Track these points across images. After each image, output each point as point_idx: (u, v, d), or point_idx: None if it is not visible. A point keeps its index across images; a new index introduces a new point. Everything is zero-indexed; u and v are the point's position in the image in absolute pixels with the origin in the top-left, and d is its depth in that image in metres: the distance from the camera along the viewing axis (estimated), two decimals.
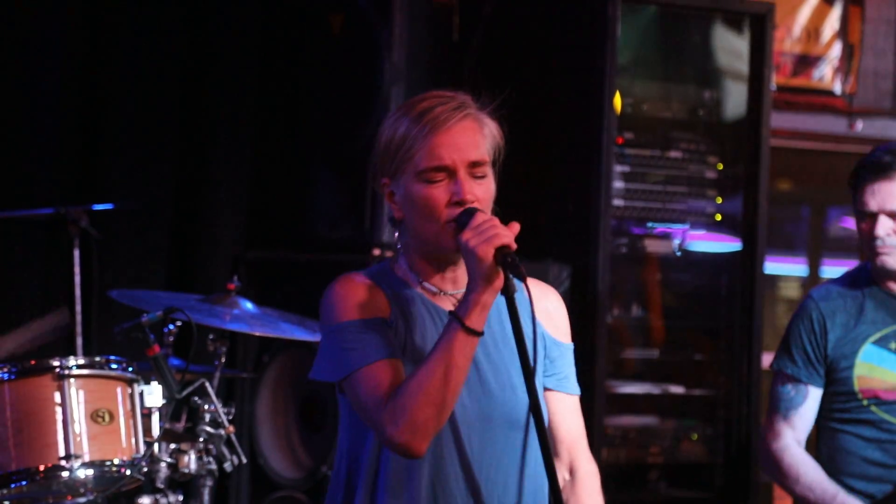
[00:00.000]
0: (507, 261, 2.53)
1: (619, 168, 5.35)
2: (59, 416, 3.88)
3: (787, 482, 4.08)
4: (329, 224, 5.50)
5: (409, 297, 2.71)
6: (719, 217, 5.57)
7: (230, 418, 4.43)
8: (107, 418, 3.95)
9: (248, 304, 4.54)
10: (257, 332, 4.52)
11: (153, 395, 4.14)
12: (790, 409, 4.09)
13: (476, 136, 2.67)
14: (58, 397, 3.89)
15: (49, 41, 5.32)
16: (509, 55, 5.37)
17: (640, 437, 5.44)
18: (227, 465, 4.43)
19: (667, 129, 5.51)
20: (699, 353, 5.59)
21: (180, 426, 4.51)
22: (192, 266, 5.62)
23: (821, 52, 6.51)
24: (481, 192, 2.65)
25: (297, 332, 4.52)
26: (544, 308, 2.80)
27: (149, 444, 4.09)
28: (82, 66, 5.40)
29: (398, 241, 2.76)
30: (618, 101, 5.25)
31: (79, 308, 4.87)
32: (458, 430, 2.64)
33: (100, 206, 4.96)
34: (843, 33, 6.52)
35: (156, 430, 4.14)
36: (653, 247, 5.50)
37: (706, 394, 5.56)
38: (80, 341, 4.86)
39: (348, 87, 5.41)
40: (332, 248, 5.42)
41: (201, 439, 4.37)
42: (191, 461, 4.33)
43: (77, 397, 3.91)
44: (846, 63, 6.53)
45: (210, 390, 4.41)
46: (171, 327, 4.34)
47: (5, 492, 3.87)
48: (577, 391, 2.83)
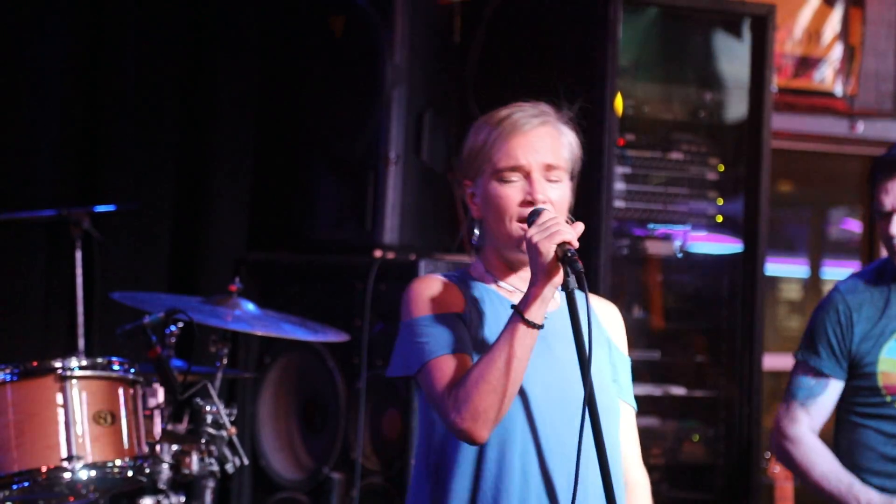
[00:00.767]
0: (567, 256, 2.64)
1: (620, 170, 5.35)
2: (61, 418, 3.89)
3: (801, 470, 4.06)
4: (331, 225, 5.50)
5: (483, 294, 2.84)
6: (720, 218, 5.57)
7: (232, 419, 4.44)
8: (109, 419, 3.95)
9: (250, 306, 4.54)
10: (259, 333, 4.53)
11: (155, 396, 4.14)
12: (809, 398, 4.07)
13: (553, 142, 2.83)
14: (60, 399, 3.90)
15: (51, 43, 5.33)
16: (510, 57, 5.37)
17: (642, 438, 5.40)
18: (229, 467, 4.44)
19: (668, 131, 5.52)
20: (700, 354, 5.59)
21: (182, 427, 4.52)
22: (193, 267, 5.63)
23: (822, 54, 6.51)
24: (554, 195, 2.81)
25: (298, 333, 4.52)
26: (606, 319, 2.93)
27: (151, 446, 4.10)
28: (84, 68, 5.41)
29: (477, 241, 2.90)
30: (619, 102, 5.26)
31: (81, 309, 4.88)
32: (529, 416, 2.76)
33: (102, 208, 4.97)
34: (843, 35, 6.52)
35: (158, 432, 4.14)
36: (654, 248, 5.50)
37: (707, 395, 5.56)
38: (82, 343, 4.86)
39: (350, 88, 5.41)
40: (333, 250, 5.43)
41: (203, 440, 4.38)
42: (193, 462, 4.34)
43: (79, 399, 3.91)
44: (847, 65, 6.53)
45: (212, 391, 4.42)
46: (172, 329, 4.34)
47: (7, 493, 3.87)
48: (634, 405, 2.98)
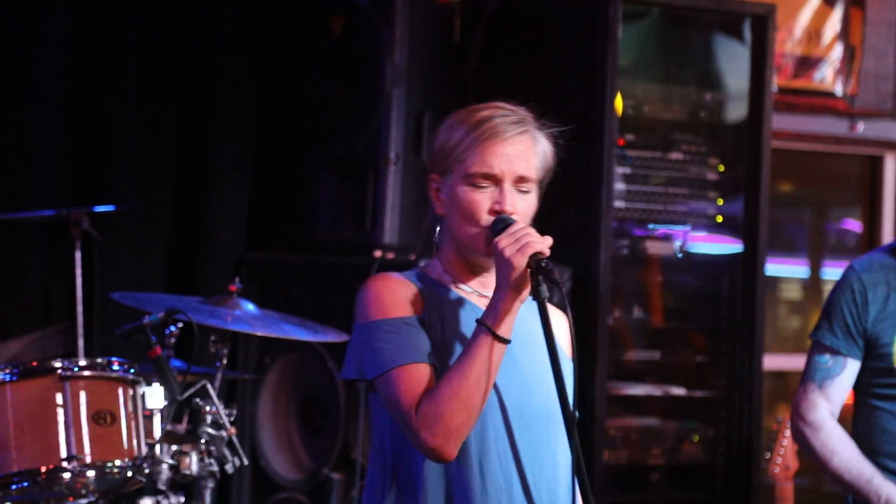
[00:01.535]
0: (542, 266, 2.61)
1: (620, 170, 5.35)
2: (61, 418, 3.88)
3: (819, 457, 4.02)
4: (330, 226, 5.50)
5: (443, 295, 2.79)
6: (720, 218, 5.57)
7: (232, 420, 4.43)
8: (108, 420, 3.95)
9: (250, 306, 4.54)
10: (259, 334, 4.53)
11: (155, 396, 4.14)
12: (826, 379, 4.03)
13: (528, 151, 2.79)
14: (60, 399, 3.90)
15: (50, 43, 5.33)
16: (510, 56, 5.37)
17: (642, 438, 5.44)
18: (229, 467, 4.43)
19: (668, 131, 5.52)
20: (700, 354, 5.59)
21: (182, 428, 4.52)
22: (193, 268, 5.62)
23: (822, 54, 6.50)
24: (522, 205, 2.77)
25: (298, 334, 4.52)
26: (554, 322, 2.82)
27: (150, 446, 4.10)
28: (84, 68, 5.41)
29: (437, 239, 2.85)
30: (619, 102, 5.26)
31: (80, 310, 4.88)
32: (504, 422, 2.73)
33: (101, 208, 4.97)
34: (844, 35, 6.52)
35: (157, 432, 4.14)
36: (654, 248, 5.50)
37: (707, 395, 5.56)
38: (81, 343, 4.86)
39: (350, 88, 5.41)
40: (333, 250, 5.43)
41: (203, 441, 4.37)
42: (192, 463, 4.33)
43: (79, 399, 3.91)
44: (847, 65, 6.53)
45: (212, 392, 4.42)
46: (172, 329, 4.34)
47: (7, 493, 3.87)
48: (575, 411, 2.86)
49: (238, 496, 5.48)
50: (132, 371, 4.04)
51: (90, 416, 3.92)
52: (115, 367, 4.01)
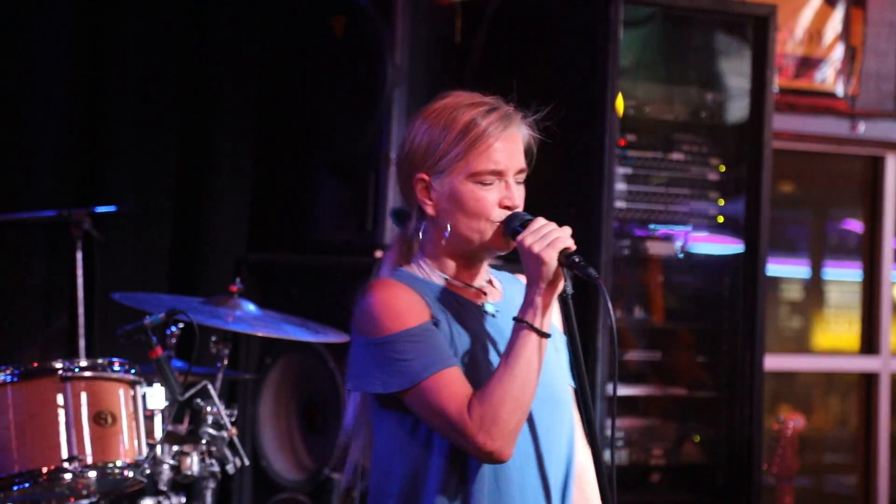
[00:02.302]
0: (574, 261, 2.64)
1: (621, 170, 5.35)
2: (62, 419, 3.88)
3: None
4: (331, 226, 5.50)
5: (440, 296, 2.77)
6: (721, 219, 5.57)
7: (233, 420, 4.43)
8: (109, 420, 3.95)
9: (251, 306, 4.54)
10: (260, 334, 4.53)
11: (156, 397, 4.14)
12: None
13: (520, 143, 2.82)
14: (60, 399, 3.90)
15: (51, 43, 5.33)
16: (511, 57, 5.37)
17: (643, 438, 5.44)
18: (230, 467, 4.43)
19: (669, 132, 5.52)
20: (701, 354, 5.59)
21: (183, 428, 4.52)
22: (194, 268, 5.62)
23: (823, 55, 6.50)
24: (521, 196, 2.80)
25: (299, 334, 4.52)
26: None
27: (151, 447, 4.10)
28: (85, 69, 5.41)
29: (417, 236, 2.81)
30: (620, 103, 5.25)
31: (81, 310, 4.88)
32: (531, 414, 2.73)
33: (102, 209, 4.97)
34: (845, 35, 6.51)
35: (158, 432, 4.14)
36: (655, 249, 5.50)
37: (708, 396, 5.56)
38: (82, 343, 4.86)
39: (351, 88, 5.41)
40: (334, 251, 5.42)
41: (204, 441, 4.38)
42: (193, 463, 4.33)
43: (80, 399, 3.91)
44: (848, 65, 6.53)
45: (212, 392, 4.42)
46: (173, 329, 4.34)
47: (8, 494, 3.87)
48: (573, 383, 2.87)
49: (239, 496, 5.48)
50: (133, 371, 4.04)
51: (91, 417, 3.92)
52: (116, 368, 4.01)
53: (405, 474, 2.74)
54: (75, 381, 3.92)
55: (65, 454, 3.86)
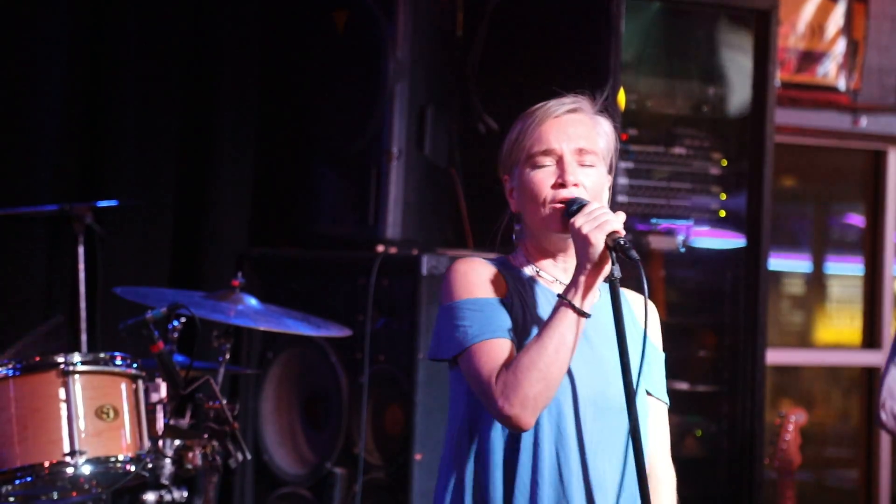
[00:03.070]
0: (620, 244, 2.68)
1: (623, 164, 5.35)
2: (64, 413, 3.89)
3: None
4: (333, 221, 5.50)
5: (525, 281, 2.84)
6: (723, 213, 5.57)
7: (235, 415, 4.43)
8: (111, 414, 3.95)
9: (253, 301, 4.54)
10: (261, 328, 4.53)
11: (157, 391, 4.14)
12: None
13: (586, 129, 2.84)
14: (62, 394, 3.90)
15: (53, 37, 5.32)
16: (513, 51, 5.37)
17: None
18: (232, 462, 4.43)
19: (671, 126, 5.51)
20: (703, 349, 5.59)
21: (184, 422, 4.51)
22: (196, 262, 5.62)
23: (825, 49, 6.50)
24: (588, 180, 2.81)
25: (301, 328, 4.52)
26: (643, 312, 2.90)
27: (153, 441, 4.10)
28: (86, 63, 5.40)
29: (517, 235, 2.90)
30: (622, 97, 5.25)
31: (83, 304, 4.88)
32: (577, 408, 2.77)
33: (104, 203, 4.97)
34: (847, 29, 6.51)
35: (160, 427, 4.14)
36: (657, 243, 5.50)
37: (710, 390, 5.56)
38: (84, 338, 4.86)
39: (352, 83, 5.41)
40: (336, 245, 5.42)
41: (205, 435, 4.37)
42: (195, 457, 4.33)
43: (81, 394, 3.92)
44: (850, 59, 6.52)
45: (214, 387, 4.41)
46: (175, 324, 4.34)
47: (10, 488, 3.88)
48: (666, 400, 2.94)
49: (241, 491, 5.48)
50: (135, 366, 4.04)
51: (93, 411, 3.92)
52: (118, 362, 4.02)
53: (472, 437, 2.80)
54: (77, 376, 3.92)
55: (66, 448, 3.86)
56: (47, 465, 3.86)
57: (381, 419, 5.11)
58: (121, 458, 3.94)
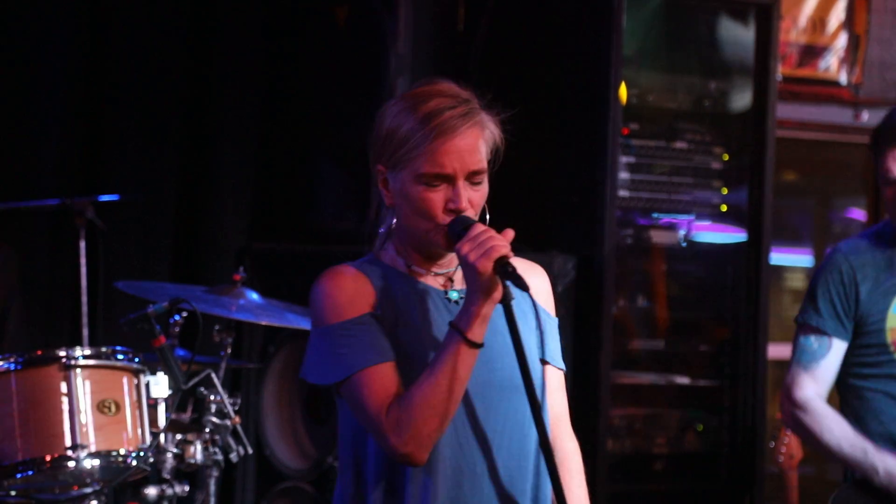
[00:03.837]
0: (507, 271, 2.57)
1: (624, 159, 5.35)
2: (66, 407, 3.89)
3: (813, 437, 3.99)
4: (334, 215, 5.50)
5: (397, 283, 2.75)
6: (725, 208, 5.57)
7: (236, 409, 4.44)
8: (113, 409, 3.96)
9: (254, 295, 4.55)
10: (263, 323, 4.53)
11: (159, 385, 4.14)
12: (812, 362, 4.02)
13: (478, 142, 2.71)
14: (64, 387, 3.90)
15: (54, 31, 5.33)
16: (514, 46, 5.37)
17: (646, 427, 5.44)
18: (233, 456, 4.44)
19: (672, 120, 5.51)
20: (704, 343, 5.59)
21: (186, 417, 4.52)
22: (197, 257, 5.63)
23: (826, 43, 6.50)
24: (477, 197, 2.70)
25: (302, 323, 4.52)
26: (532, 282, 2.76)
27: (155, 435, 4.10)
28: (88, 57, 5.41)
29: (386, 225, 2.83)
30: (623, 91, 5.25)
31: (85, 299, 4.88)
32: (466, 397, 2.67)
33: (106, 198, 4.97)
34: (848, 23, 6.51)
35: (162, 421, 4.15)
36: (658, 238, 5.50)
37: (712, 384, 5.56)
38: (86, 332, 4.87)
39: (353, 78, 5.41)
40: (337, 239, 5.42)
41: (207, 430, 4.38)
42: (197, 452, 4.34)
43: (83, 388, 3.92)
44: (852, 53, 6.52)
45: (216, 381, 4.42)
46: (177, 318, 4.35)
47: (12, 482, 3.88)
48: (562, 366, 2.85)
49: (242, 485, 5.49)
50: (136, 360, 4.04)
51: (94, 405, 3.92)
52: (120, 356, 4.02)
53: (355, 461, 2.73)
54: (79, 370, 3.92)
55: (68, 442, 3.87)
56: (49, 458, 3.86)
57: None
58: (122, 452, 3.94)
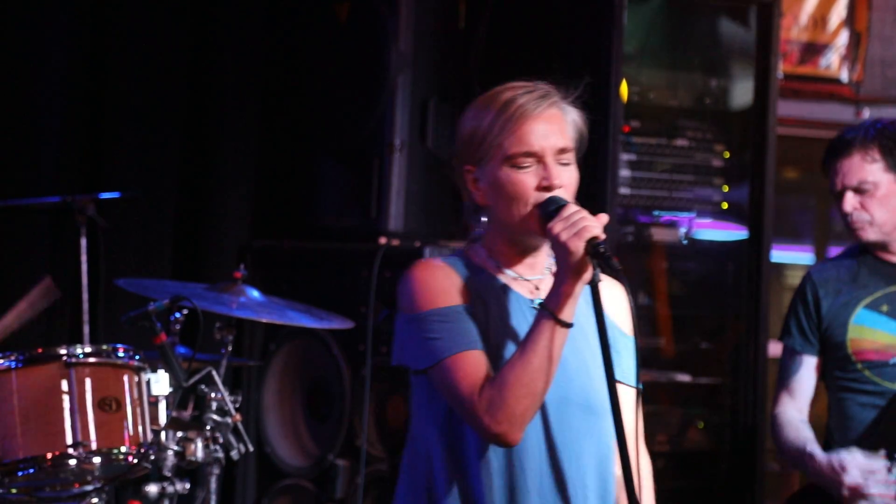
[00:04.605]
0: (599, 251, 2.62)
1: (625, 156, 5.34)
2: (67, 405, 3.89)
3: (777, 444, 4.23)
4: (335, 212, 5.50)
5: (487, 283, 2.79)
6: (726, 205, 5.57)
7: (237, 406, 4.44)
8: (114, 406, 3.96)
9: (255, 293, 4.55)
10: (264, 320, 4.53)
11: (160, 383, 4.14)
12: (786, 378, 4.28)
13: (561, 123, 2.79)
14: (65, 385, 3.90)
15: (55, 28, 5.32)
16: (515, 43, 5.36)
17: (646, 425, 5.42)
18: (234, 454, 4.44)
19: (673, 118, 5.51)
20: (705, 341, 5.59)
21: (187, 414, 4.52)
22: (198, 254, 5.63)
23: (827, 40, 6.49)
24: (567, 177, 2.78)
25: (303, 320, 4.52)
26: (611, 299, 2.85)
27: (156, 433, 4.10)
28: (88, 53, 5.40)
29: (477, 228, 2.85)
30: (624, 89, 5.25)
31: (86, 297, 4.88)
32: (540, 414, 2.72)
33: (106, 195, 4.97)
34: (849, 21, 6.50)
35: (163, 419, 4.14)
36: (659, 235, 5.50)
37: (712, 382, 5.56)
38: (87, 329, 4.86)
39: (354, 75, 5.41)
40: (338, 237, 5.42)
41: (208, 427, 4.38)
42: (198, 449, 4.34)
43: (84, 385, 3.92)
44: (853, 51, 6.52)
45: (217, 378, 4.42)
46: (177, 315, 4.34)
47: (13, 479, 3.88)
48: (637, 385, 2.89)
49: (243, 483, 5.49)
50: (137, 358, 4.04)
51: (95, 403, 3.92)
52: (121, 354, 4.02)
53: (428, 449, 2.77)
54: (80, 367, 3.92)
55: (69, 440, 3.87)
56: (50, 456, 3.86)
57: (384, 411, 5.11)
58: (123, 449, 3.94)
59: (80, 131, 5.41)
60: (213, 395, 4.40)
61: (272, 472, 5.42)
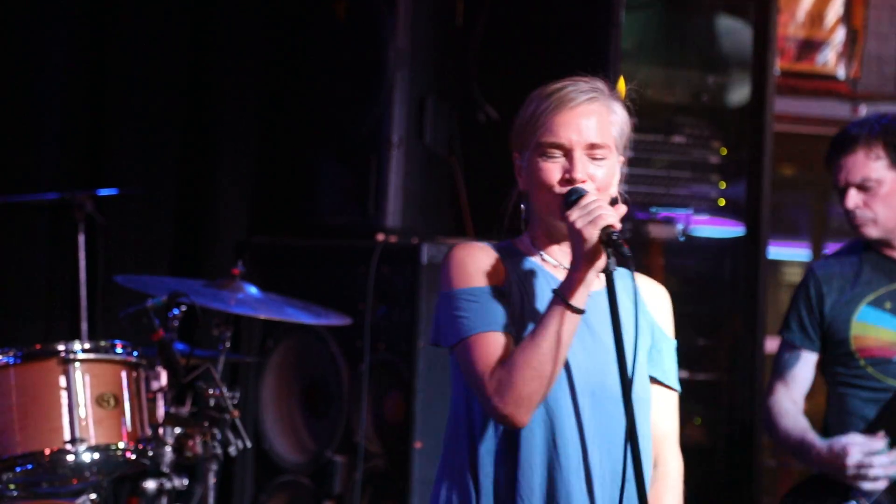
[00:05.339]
0: (612, 239, 2.65)
1: None
2: (65, 401, 3.90)
3: (771, 434, 4.22)
4: (334, 209, 5.50)
5: (527, 267, 2.83)
6: (723, 202, 5.57)
7: (235, 403, 4.44)
8: (112, 402, 3.97)
9: (253, 289, 4.55)
10: (262, 317, 4.54)
11: (158, 379, 4.15)
12: (783, 370, 4.23)
13: (601, 120, 2.80)
14: (63, 381, 3.91)
15: (55, 25, 5.32)
16: (513, 40, 5.37)
17: None
18: (232, 450, 4.45)
19: (670, 114, 5.52)
20: (702, 337, 5.59)
21: (185, 410, 4.52)
22: (196, 251, 5.63)
23: (824, 37, 6.50)
24: (599, 172, 2.78)
25: (301, 317, 4.53)
26: (653, 300, 2.91)
27: (153, 428, 4.11)
28: (87, 51, 5.41)
29: (524, 215, 2.88)
30: (621, 85, 5.25)
31: (84, 293, 4.89)
32: (574, 398, 2.76)
33: (105, 192, 4.98)
34: (846, 18, 6.51)
35: (160, 415, 4.15)
36: (656, 232, 5.51)
37: (709, 378, 5.57)
38: (85, 326, 4.87)
39: (353, 72, 5.41)
40: (336, 234, 5.43)
41: (206, 423, 4.38)
42: (195, 445, 4.35)
43: (82, 381, 3.93)
44: (850, 48, 6.52)
45: (215, 375, 4.43)
46: (175, 312, 4.35)
47: (11, 475, 3.89)
48: (677, 388, 2.93)
49: (241, 478, 5.49)
50: (135, 354, 4.05)
51: (93, 399, 3.93)
52: (119, 350, 4.03)
53: (470, 426, 2.80)
54: (78, 363, 3.93)
55: (67, 436, 3.88)
56: (48, 452, 3.87)
57: (381, 407, 5.12)
58: (121, 445, 3.95)
59: (78, 128, 5.41)
60: (210, 391, 4.40)
61: (270, 468, 5.43)
